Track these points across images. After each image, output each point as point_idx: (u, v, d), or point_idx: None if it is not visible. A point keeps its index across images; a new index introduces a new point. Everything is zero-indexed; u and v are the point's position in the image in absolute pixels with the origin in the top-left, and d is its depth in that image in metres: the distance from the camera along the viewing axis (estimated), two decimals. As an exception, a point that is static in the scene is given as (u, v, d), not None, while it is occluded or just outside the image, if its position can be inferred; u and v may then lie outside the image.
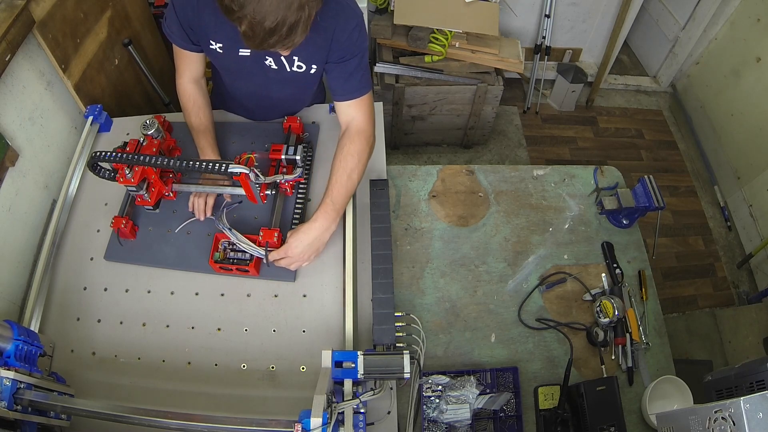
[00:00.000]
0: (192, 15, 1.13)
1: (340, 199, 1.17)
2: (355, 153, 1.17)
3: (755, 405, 0.86)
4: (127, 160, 1.11)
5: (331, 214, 1.16)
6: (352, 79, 1.17)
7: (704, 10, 2.74)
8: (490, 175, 1.60)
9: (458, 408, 1.21)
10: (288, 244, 1.17)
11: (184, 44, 1.21)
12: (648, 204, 1.42)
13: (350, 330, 1.15)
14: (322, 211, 1.16)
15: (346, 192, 1.17)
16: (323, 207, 1.16)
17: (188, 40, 1.19)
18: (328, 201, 1.16)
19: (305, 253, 1.17)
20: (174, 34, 1.18)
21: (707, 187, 2.89)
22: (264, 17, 0.85)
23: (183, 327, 1.21)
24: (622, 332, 1.33)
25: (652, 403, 1.25)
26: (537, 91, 3.10)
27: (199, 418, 0.90)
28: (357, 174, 1.18)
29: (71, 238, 1.32)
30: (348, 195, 1.19)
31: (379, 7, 2.41)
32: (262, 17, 0.85)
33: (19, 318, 1.21)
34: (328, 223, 1.16)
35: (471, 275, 1.43)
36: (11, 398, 0.89)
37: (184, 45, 1.21)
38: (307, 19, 0.90)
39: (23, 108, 1.34)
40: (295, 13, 0.87)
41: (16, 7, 1.23)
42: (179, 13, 1.13)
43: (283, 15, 0.86)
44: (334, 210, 1.16)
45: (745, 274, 2.59)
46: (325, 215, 1.16)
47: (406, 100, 2.50)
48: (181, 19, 1.13)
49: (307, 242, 1.16)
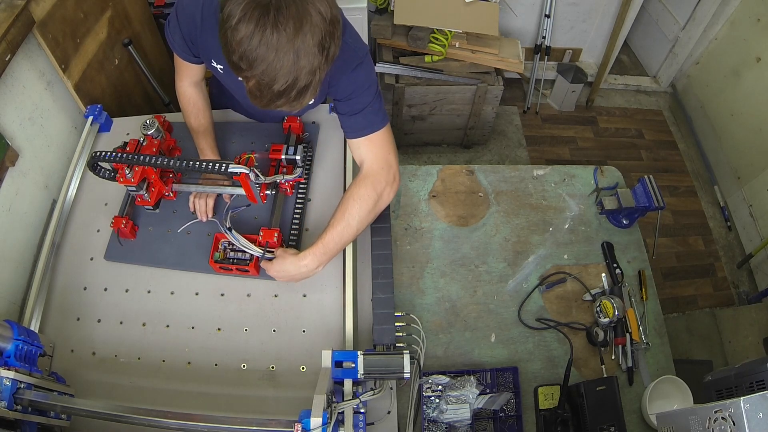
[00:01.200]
0: (195, 33, 1.10)
1: (332, 244, 1.12)
2: (357, 198, 1.11)
3: (755, 405, 0.86)
4: (127, 160, 1.11)
5: (319, 258, 1.12)
6: (359, 116, 1.10)
7: (704, 10, 2.74)
8: (490, 175, 1.60)
9: (458, 408, 1.21)
10: (271, 264, 1.15)
11: (185, 56, 1.18)
12: (648, 204, 1.42)
13: (350, 330, 1.15)
14: (311, 251, 1.12)
15: (340, 240, 1.12)
16: (314, 248, 1.12)
17: (190, 53, 1.16)
18: (320, 244, 1.11)
19: (282, 279, 1.17)
20: (176, 44, 1.15)
21: (707, 187, 2.89)
22: (274, 79, 0.81)
23: (183, 327, 1.20)
24: (622, 332, 1.33)
25: (652, 403, 1.25)
26: (537, 91, 3.10)
27: (199, 418, 0.90)
28: (357, 220, 1.11)
29: (71, 238, 1.32)
30: (342, 241, 1.13)
31: (379, 7, 2.41)
32: (272, 79, 0.80)
33: (19, 318, 1.21)
34: (314, 265, 1.12)
35: (471, 275, 1.43)
36: (11, 398, 0.89)
37: (186, 57, 1.18)
38: (318, 83, 0.86)
39: (23, 108, 1.34)
40: (306, 77, 0.82)
41: (16, 7, 1.23)
42: (183, 26, 1.10)
43: (294, 78, 0.81)
44: (324, 254, 1.12)
45: (745, 274, 2.59)
46: (312, 257, 1.12)
47: (406, 100, 2.50)
48: (184, 32, 1.10)
49: (289, 275, 1.14)
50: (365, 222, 1.15)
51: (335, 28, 0.84)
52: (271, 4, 0.77)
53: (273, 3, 0.77)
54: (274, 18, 0.77)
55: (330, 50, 0.84)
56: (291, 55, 0.79)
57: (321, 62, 0.83)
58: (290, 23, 0.77)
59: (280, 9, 0.77)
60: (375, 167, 1.13)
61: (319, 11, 0.80)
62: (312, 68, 0.82)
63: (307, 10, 0.79)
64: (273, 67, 0.80)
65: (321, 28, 0.80)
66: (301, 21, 0.78)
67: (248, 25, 0.77)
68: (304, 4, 0.78)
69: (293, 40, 0.78)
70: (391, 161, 1.15)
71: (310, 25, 0.79)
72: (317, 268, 1.14)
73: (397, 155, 1.16)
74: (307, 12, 0.78)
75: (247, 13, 0.77)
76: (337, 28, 0.84)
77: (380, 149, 1.13)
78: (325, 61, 0.84)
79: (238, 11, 0.77)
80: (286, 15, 0.77)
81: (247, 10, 0.77)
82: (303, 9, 0.78)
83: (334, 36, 0.84)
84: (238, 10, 0.77)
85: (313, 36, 0.80)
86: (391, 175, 1.15)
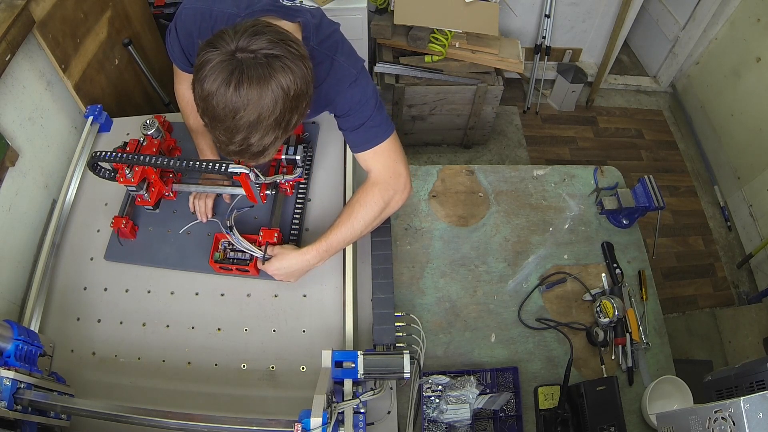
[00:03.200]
0: (192, 47, 1.09)
1: (335, 244, 1.14)
2: (364, 203, 1.13)
3: (755, 405, 0.86)
4: (127, 160, 1.10)
5: (322, 254, 1.15)
6: (360, 131, 1.10)
7: (704, 10, 2.74)
8: (490, 175, 1.60)
9: (458, 408, 1.21)
10: (271, 262, 1.16)
11: (184, 67, 1.18)
12: (648, 204, 1.42)
13: (350, 330, 1.15)
14: (314, 248, 1.14)
15: (343, 239, 1.14)
16: (317, 245, 1.14)
17: (188, 63, 1.16)
18: (324, 242, 1.14)
19: (282, 276, 1.18)
20: (175, 55, 1.15)
21: (707, 187, 2.89)
22: (230, 140, 0.84)
23: (183, 327, 1.20)
24: (622, 332, 1.33)
25: (652, 403, 1.25)
26: (537, 91, 3.10)
27: (199, 418, 0.90)
28: (361, 224, 1.13)
29: (71, 238, 1.32)
30: (345, 242, 1.16)
31: (379, 7, 2.41)
32: (228, 140, 0.84)
33: (19, 318, 1.21)
34: (315, 260, 1.15)
35: (471, 275, 1.43)
36: (11, 398, 0.89)
37: (185, 68, 1.18)
38: (276, 147, 0.89)
39: (23, 108, 1.34)
40: (258, 144, 0.85)
41: (16, 7, 1.23)
42: (181, 39, 1.10)
43: (248, 144, 0.84)
44: (326, 251, 1.15)
45: (745, 274, 2.59)
46: (315, 253, 1.14)
47: (406, 100, 2.50)
48: (183, 44, 1.11)
49: (290, 270, 1.16)
50: (370, 227, 1.16)
51: (298, 103, 0.84)
52: (237, 69, 0.78)
53: (240, 66, 0.78)
54: (236, 84, 0.78)
55: (291, 121, 0.85)
56: (246, 124, 0.81)
57: (278, 134, 0.85)
58: (253, 90, 0.78)
59: (243, 75, 0.78)
60: (383, 176, 1.13)
61: (281, 86, 0.80)
62: (265, 141, 0.84)
63: (268, 82, 0.79)
64: (230, 130, 0.82)
65: (280, 104, 0.81)
66: (261, 93, 0.79)
67: (213, 83, 0.79)
68: (267, 74, 0.79)
69: (252, 109, 0.79)
70: (399, 170, 1.14)
71: (270, 98, 0.79)
72: (318, 262, 1.16)
73: (406, 163, 1.15)
74: (267, 85, 0.79)
75: (216, 70, 0.78)
76: (300, 102, 0.85)
77: (387, 159, 1.13)
78: (283, 132, 0.86)
79: (208, 67, 0.79)
80: (250, 80, 0.78)
81: (216, 69, 0.78)
82: (265, 80, 0.79)
83: (296, 110, 0.85)
84: (209, 67, 0.79)
85: (274, 111, 0.81)
86: (401, 183, 1.14)
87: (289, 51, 0.81)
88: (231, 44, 0.79)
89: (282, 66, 0.80)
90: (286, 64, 0.80)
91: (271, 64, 0.79)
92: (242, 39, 0.79)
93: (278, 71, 0.79)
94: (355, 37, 2.33)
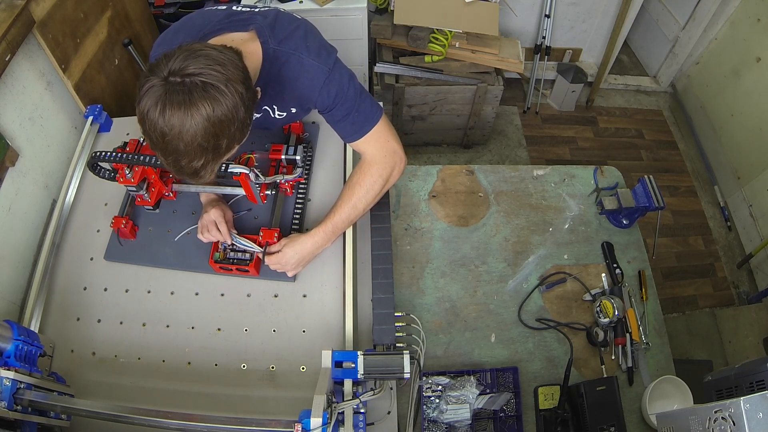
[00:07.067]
0: None
1: (340, 224, 1.18)
2: (363, 184, 1.16)
3: (755, 405, 0.86)
4: (127, 160, 1.10)
5: (329, 235, 1.18)
6: (347, 122, 1.11)
7: (704, 10, 2.74)
8: (490, 175, 1.60)
9: (458, 408, 1.21)
10: (283, 252, 1.17)
11: None
12: (648, 204, 1.42)
13: (350, 330, 1.15)
14: (321, 229, 1.17)
15: (347, 219, 1.18)
16: (323, 226, 1.17)
17: None
18: (329, 223, 1.17)
19: (295, 263, 1.19)
20: None
21: (707, 187, 2.89)
22: (165, 160, 0.86)
23: (183, 327, 1.21)
24: (622, 332, 1.33)
25: (652, 403, 1.25)
26: (537, 91, 3.10)
27: (199, 418, 0.90)
28: (363, 204, 1.17)
29: (71, 238, 1.32)
30: (349, 222, 1.19)
31: (379, 7, 2.41)
32: (164, 159, 0.86)
33: (19, 318, 1.21)
34: (323, 242, 1.19)
35: (471, 275, 1.43)
36: (11, 398, 0.89)
37: None
38: (211, 168, 0.89)
39: (23, 108, 1.34)
40: (189, 167, 0.86)
41: (16, 7, 1.23)
42: None
43: (180, 166, 0.85)
44: (333, 232, 1.18)
45: (745, 274, 2.59)
46: (323, 234, 1.17)
47: (406, 100, 2.50)
48: None
49: (303, 253, 1.18)
50: (371, 204, 1.20)
51: (223, 128, 0.83)
52: (165, 94, 0.79)
53: (169, 90, 0.78)
54: (161, 109, 0.79)
55: (220, 146, 0.86)
56: (174, 148, 0.82)
57: (208, 157, 0.86)
58: (175, 117, 0.79)
59: (167, 100, 0.79)
60: (379, 156, 1.16)
61: (202, 113, 0.80)
62: (195, 164, 0.85)
63: (189, 109, 0.79)
64: (163, 152, 0.84)
65: (201, 131, 0.81)
66: (183, 119, 0.79)
67: (145, 106, 0.80)
68: (188, 100, 0.79)
69: (176, 134, 0.80)
70: (394, 147, 1.16)
71: (191, 124, 0.80)
72: (326, 243, 1.20)
73: (398, 139, 1.18)
74: (188, 112, 0.79)
75: (149, 94, 0.80)
76: (227, 126, 0.84)
77: (378, 141, 1.15)
78: (214, 155, 0.86)
79: (143, 89, 0.80)
80: (173, 106, 0.79)
81: (149, 93, 0.80)
82: (187, 106, 0.79)
83: (223, 134, 0.84)
84: (143, 89, 0.80)
85: (195, 137, 0.81)
86: (396, 158, 1.17)
87: (218, 75, 0.81)
88: (164, 70, 0.80)
89: (204, 93, 0.80)
90: (208, 91, 0.80)
91: (192, 91, 0.79)
92: (175, 63, 0.80)
93: (200, 98, 0.79)
94: (355, 37, 2.34)
